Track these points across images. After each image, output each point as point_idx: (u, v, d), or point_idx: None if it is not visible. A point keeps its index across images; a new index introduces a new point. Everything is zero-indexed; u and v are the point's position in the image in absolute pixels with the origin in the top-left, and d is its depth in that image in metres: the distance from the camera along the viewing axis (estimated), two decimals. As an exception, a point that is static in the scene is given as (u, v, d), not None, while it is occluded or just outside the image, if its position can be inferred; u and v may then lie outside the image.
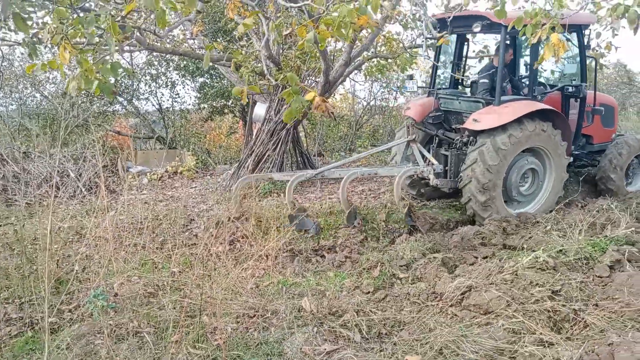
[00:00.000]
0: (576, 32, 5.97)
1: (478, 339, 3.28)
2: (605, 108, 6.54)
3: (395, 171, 5.79)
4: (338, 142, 12.01)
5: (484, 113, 5.53)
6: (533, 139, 5.49)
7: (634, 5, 3.51)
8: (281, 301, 3.84)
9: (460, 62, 6.77)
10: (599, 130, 6.64)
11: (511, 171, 5.59)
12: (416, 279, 4.32)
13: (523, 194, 5.84)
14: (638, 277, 3.67)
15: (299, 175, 5.65)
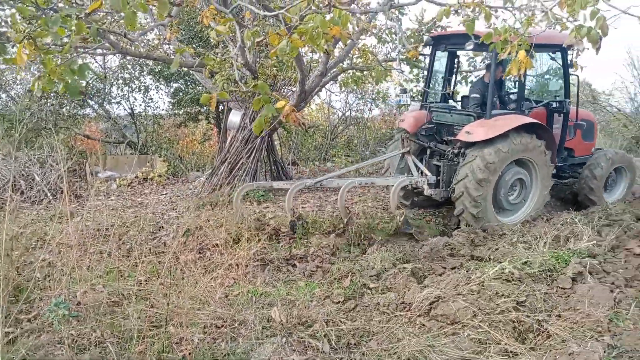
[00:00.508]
0: (561, 51, 6.29)
1: (445, 349, 3.31)
2: (586, 123, 6.88)
3: (391, 181, 5.99)
4: (313, 152, 12.04)
5: (476, 126, 5.78)
6: (520, 152, 5.73)
7: (595, 28, 3.65)
8: (250, 311, 3.79)
9: (450, 77, 7.04)
10: (580, 144, 6.93)
11: (500, 182, 5.82)
12: (386, 289, 4.34)
13: (512, 202, 6.08)
14: (598, 288, 3.80)
15: (299, 183, 5.80)
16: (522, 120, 5.76)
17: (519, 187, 6.08)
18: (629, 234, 5.01)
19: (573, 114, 6.62)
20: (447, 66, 6.95)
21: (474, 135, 5.65)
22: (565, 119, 6.54)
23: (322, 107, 13.61)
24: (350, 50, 7.31)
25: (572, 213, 5.79)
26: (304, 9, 3.66)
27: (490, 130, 5.59)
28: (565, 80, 6.58)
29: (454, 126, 6.36)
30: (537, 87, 8.19)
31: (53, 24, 2.97)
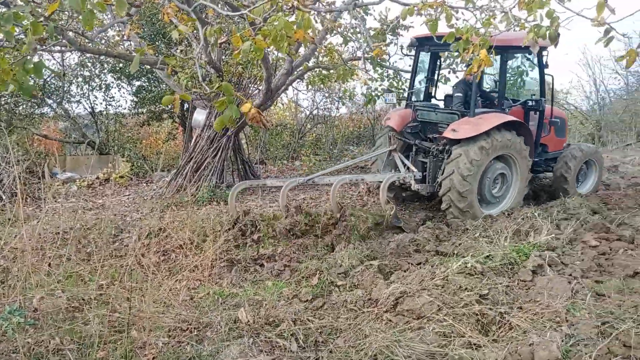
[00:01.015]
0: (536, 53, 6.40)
1: (411, 344, 3.35)
2: (559, 120, 7.30)
3: (380, 177, 6.26)
4: (281, 150, 11.98)
5: (461, 124, 6.03)
6: (501, 148, 6.02)
7: (551, 27, 3.78)
8: (216, 313, 3.74)
9: (433, 77, 7.28)
10: (553, 140, 7.28)
11: (484, 177, 6.09)
12: (353, 286, 4.36)
13: (495, 195, 6.37)
14: (557, 280, 3.93)
15: (292, 181, 6.01)
16: (504, 118, 6.04)
17: (501, 181, 6.37)
18: (586, 227, 5.20)
19: (547, 111, 6.93)
20: (430, 67, 7.18)
21: (459, 133, 5.88)
22: (541, 116, 6.85)
23: (289, 105, 13.56)
24: (315, 49, 7.31)
25: (532, 207, 5.97)
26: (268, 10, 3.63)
27: (474, 128, 5.82)
28: (541, 80, 6.91)
29: (439, 124, 6.61)
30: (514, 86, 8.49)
31: (5, 21, 2.83)
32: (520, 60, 8.32)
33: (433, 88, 7.30)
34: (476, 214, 5.95)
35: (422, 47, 6.84)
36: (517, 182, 6.40)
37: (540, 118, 6.87)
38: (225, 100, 2.99)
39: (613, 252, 4.62)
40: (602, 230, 5.08)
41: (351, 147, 13.91)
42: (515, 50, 6.49)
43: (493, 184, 6.28)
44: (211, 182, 7.24)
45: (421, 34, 6.49)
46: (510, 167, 6.37)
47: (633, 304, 3.57)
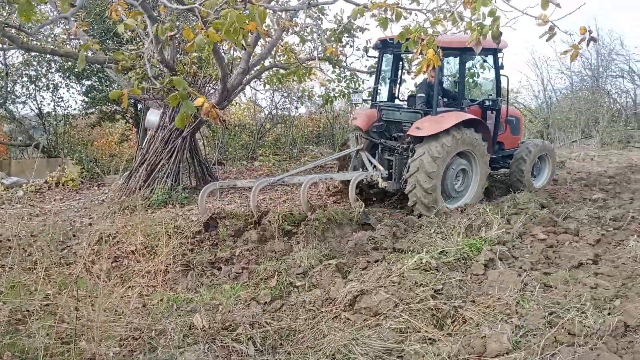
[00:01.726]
0: (492, 54, 6.96)
1: (368, 341, 3.37)
2: (514, 119, 7.67)
3: (349, 175, 6.42)
4: (240, 151, 11.83)
5: (424, 122, 6.24)
6: (462, 145, 6.28)
7: (493, 26, 3.90)
8: (171, 319, 3.63)
9: (396, 78, 7.52)
10: (509, 138, 7.62)
11: (447, 173, 6.35)
12: (312, 286, 4.35)
13: (457, 190, 6.64)
14: (507, 273, 4.07)
15: (262, 181, 6.05)
16: (464, 116, 6.31)
17: (462, 177, 6.65)
18: (534, 221, 5.42)
19: (503, 111, 7.25)
20: (393, 68, 7.40)
21: (423, 131, 6.12)
22: (497, 115, 7.18)
23: (248, 105, 13.41)
24: (272, 48, 7.26)
25: (484, 203, 6.16)
26: (220, 3, 3.56)
27: (436, 125, 6.08)
28: (497, 81, 7.18)
29: (403, 123, 6.84)
30: (468, 87, 8.82)
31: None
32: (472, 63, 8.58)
33: (396, 89, 7.52)
34: (441, 208, 6.15)
35: (385, 49, 7.04)
36: (477, 177, 6.70)
37: (496, 117, 7.18)
38: (178, 96, 2.90)
39: (560, 245, 4.84)
40: (550, 223, 5.31)
41: (311, 146, 13.92)
42: (472, 52, 6.63)
43: (455, 180, 6.53)
44: (166, 185, 7.05)
45: (384, 36, 6.60)
46: (471, 163, 6.65)
47: (577, 294, 3.74)
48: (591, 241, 4.83)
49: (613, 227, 5.30)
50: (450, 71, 8.75)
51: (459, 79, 6.92)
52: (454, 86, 8.03)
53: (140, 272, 4.24)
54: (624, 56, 16.49)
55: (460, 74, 6.88)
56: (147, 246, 4.80)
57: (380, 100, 7.39)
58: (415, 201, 6.18)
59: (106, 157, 10.67)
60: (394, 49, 6.91)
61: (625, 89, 16.70)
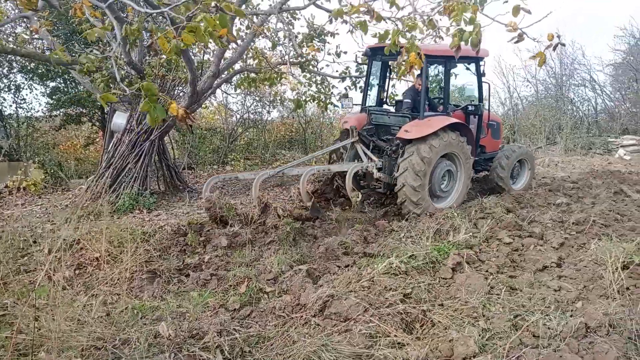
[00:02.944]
0: (475, 62, 7.28)
1: (338, 347, 3.36)
2: (495, 124, 8.04)
3: (346, 167, 6.71)
4: (210, 155, 11.67)
5: (413, 125, 6.57)
6: (448, 147, 6.59)
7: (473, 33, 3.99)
8: (136, 328, 3.53)
9: (384, 84, 7.80)
10: (490, 142, 7.97)
11: (434, 174, 6.63)
12: (282, 292, 4.31)
13: (443, 190, 6.94)
14: (474, 277, 4.13)
15: (263, 173, 6.31)
16: (449, 120, 6.65)
17: (448, 177, 6.96)
18: (500, 225, 5.54)
19: (485, 116, 7.60)
20: (381, 74, 7.70)
21: (411, 133, 6.42)
22: (480, 120, 7.54)
23: (219, 109, 13.27)
24: (243, 52, 7.20)
25: (452, 208, 6.27)
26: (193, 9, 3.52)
27: (424, 128, 6.40)
28: (479, 88, 7.52)
29: (391, 127, 7.17)
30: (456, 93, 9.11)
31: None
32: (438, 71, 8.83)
33: (384, 94, 7.83)
34: (428, 206, 6.46)
35: (374, 57, 7.31)
36: (462, 177, 7.01)
37: (479, 121, 7.54)
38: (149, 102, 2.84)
39: (525, 248, 4.96)
40: (515, 227, 5.44)
41: (283, 151, 13.88)
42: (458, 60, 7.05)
43: (441, 180, 6.85)
44: (133, 190, 6.87)
45: (374, 44, 6.87)
46: (456, 164, 6.96)
47: (542, 297, 3.84)
48: (555, 245, 4.97)
49: (576, 231, 5.47)
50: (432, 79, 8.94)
51: (444, 85, 7.27)
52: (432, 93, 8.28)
53: (104, 279, 4.11)
54: (585, 66, 17.17)
55: (445, 81, 7.22)
56: (111, 253, 4.66)
57: (369, 105, 7.67)
58: (404, 199, 6.42)
59: (71, 161, 10.33)
60: (382, 57, 7.19)
61: (587, 97, 17.38)
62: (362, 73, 8.85)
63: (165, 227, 5.74)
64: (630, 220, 5.89)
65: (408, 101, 7.15)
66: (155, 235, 5.23)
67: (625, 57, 17.18)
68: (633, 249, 4.40)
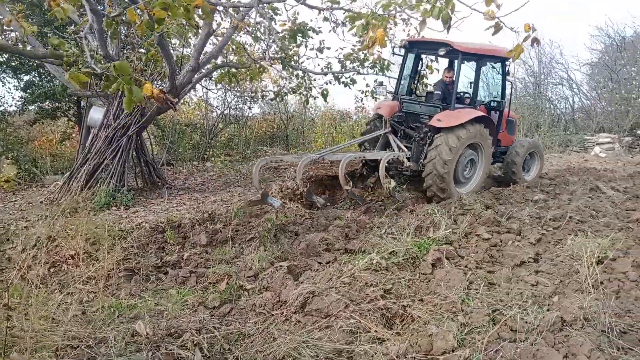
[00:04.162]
0: (501, 63, 8.01)
1: (319, 343, 3.35)
2: (513, 120, 8.78)
3: (379, 155, 7.27)
4: (190, 152, 11.52)
5: (444, 115, 7.13)
6: (473, 137, 7.17)
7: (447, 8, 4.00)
8: (112, 327, 3.46)
9: (415, 75, 8.40)
10: (505, 137, 8.58)
11: (459, 161, 7.20)
12: (263, 289, 4.28)
13: (466, 177, 7.58)
14: (454, 272, 4.17)
15: (306, 157, 6.86)
16: (477, 113, 7.24)
17: (470, 165, 7.58)
18: (479, 221, 5.60)
19: (505, 113, 8.23)
20: (413, 67, 8.28)
21: (443, 122, 6.99)
22: (500, 115, 8.17)
23: (199, 104, 13.11)
24: (223, 46, 7.12)
25: (433, 204, 6.32)
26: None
27: (454, 119, 6.97)
28: (503, 86, 8.24)
29: (421, 115, 7.73)
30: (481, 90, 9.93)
31: None
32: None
33: (414, 85, 8.48)
34: (452, 191, 7.04)
35: (410, 50, 7.91)
36: (482, 166, 7.66)
37: (499, 117, 8.16)
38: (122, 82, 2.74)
39: (503, 244, 5.02)
40: (494, 224, 5.51)
41: (265, 147, 13.80)
42: (487, 58, 7.88)
43: (465, 167, 7.43)
44: (110, 186, 6.74)
45: (411, 38, 7.72)
46: (478, 153, 7.57)
47: (519, 291, 3.90)
48: (532, 240, 5.05)
49: (553, 226, 5.57)
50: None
51: (474, 80, 7.83)
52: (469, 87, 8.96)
53: (80, 277, 4.02)
54: (563, 65, 17.50)
55: (475, 77, 7.81)
56: (88, 250, 4.56)
57: (401, 94, 8.22)
58: (430, 184, 7.01)
59: (46, 157, 10.07)
60: (418, 50, 7.93)
61: (565, 96, 17.71)
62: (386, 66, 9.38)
63: (143, 224, 5.64)
64: (605, 216, 6.03)
65: (439, 93, 7.76)
66: (133, 232, 5.12)
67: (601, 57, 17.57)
68: (607, 245, 4.50)
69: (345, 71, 9.21)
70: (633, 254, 4.46)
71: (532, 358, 2.87)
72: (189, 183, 9.04)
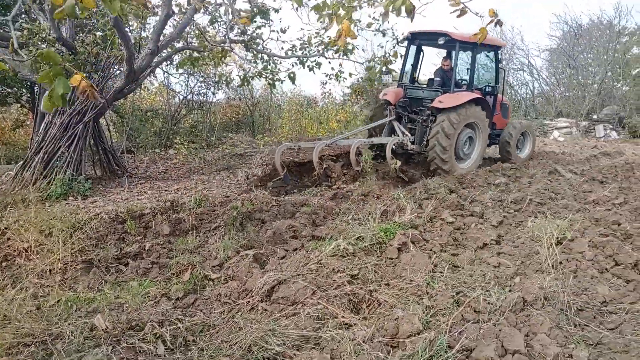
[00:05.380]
0: (494, 51, 9.00)
1: (286, 331, 3.32)
2: (506, 105, 9.62)
3: (385, 140, 8.11)
4: (152, 138, 11.17)
5: (445, 97, 7.93)
6: (471, 117, 7.96)
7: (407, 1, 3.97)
8: (69, 322, 3.31)
9: (417, 65, 9.13)
10: (500, 120, 9.47)
11: (459, 138, 8.01)
12: (228, 278, 4.20)
13: (465, 153, 8.35)
14: (419, 256, 4.21)
15: (321, 143, 7.70)
16: (473, 95, 8.10)
17: (469, 143, 8.36)
18: (444, 205, 5.68)
19: (499, 98, 9.11)
20: (416, 56, 9.05)
21: (444, 103, 7.79)
22: (494, 100, 9.07)
23: (160, 89, 12.70)
24: (183, 29, 6.87)
25: (399, 189, 6.36)
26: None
27: (455, 100, 7.79)
28: (497, 73, 9.12)
29: (423, 100, 8.52)
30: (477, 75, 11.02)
31: None
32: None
33: (416, 73, 9.19)
34: (453, 165, 7.85)
35: (412, 41, 8.66)
36: (479, 144, 8.46)
37: (494, 101, 9.03)
38: (52, 73, 2.54)
39: (466, 227, 5.11)
40: (458, 207, 5.60)
41: (230, 134, 13.56)
42: (482, 47, 8.72)
43: (464, 144, 8.23)
44: (66, 175, 6.44)
45: (413, 30, 8.41)
46: (476, 132, 8.37)
47: (482, 273, 3.97)
48: (494, 223, 5.16)
49: (514, 209, 5.71)
50: None
51: (470, 67, 8.69)
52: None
53: (34, 271, 3.83)
54: (524, 51, 17.91)
55: (471, 64, 8.65)
56: (42, 243, 4.34)
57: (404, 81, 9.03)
58: (434, 157, 7.74)
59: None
60: (420, 41, 8.66)
61: (525, 82, 18.18)
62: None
63: (102, 214, 5.43)
64: (564, 198, 6.23)
65: (438, 79, 8.74)
66: (90, 222, 4.92)
67: (560, 43, 18.07)
68: (566, 226, 4.65)
69: (310, 55, 9.09)
70: (589, 234, 4.63)
71: (495, 338, 2.92)
72: (151, 171, 8.78)
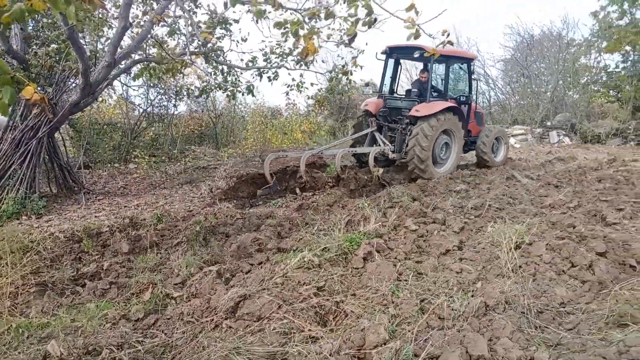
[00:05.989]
0: (467, 63, 9.62)
1: (251, 348, 3.25)
2: (480, 113, 10.28)
3: (367, 150, 8.79)
4: (110, 153, 10.84)
5: (422, 106, 8.53)
6: (446, 124, 8.55)
7: (370, 16, 4.07)
8: (20, 350, 3.13)
9: (395, 77, 9.74)
10: (475, 127, 10.05)
11: (435, 145, 8.59)
12: (191, 296, 4.09)
13: (442, 158, 8.93)
14: (384, 265, 4.23)
15: (308, 152, 8.12)
16: (448, 104, 8.70)
17: (445, 149, 8.93)
18: (407, 213, 5.75)
19: (472, 106, 9.76)
20: (394, 69, 9.66)
21: (421, 112, 8.39)
22: (468, 109, 9.70)
23: (119, 102, 12.37)
24: (141, 40, 6.72)
25: (363, 199, 6.39)
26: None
27: (431, 109, 8.40)
28: (470, 83, 9.69)
29: (402, 109, 9.17)
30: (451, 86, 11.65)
31: None
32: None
33: (395, 85, 9.80)
34: (432, 172, 8.41)
35: (390, 54, 9.21)
36: (455, 149, 9.04)
37: (468, 110, 9.67)
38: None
39: (429, 234, 5.18)
40: (420, 215, 5.68)
41: (193, 146, 13.33)
42: (455, 59, 9.52)
43: (441, 150, 8.80)
44: (19, 193, 6.14)
45: (391, 44, 8.99)
46: (452, 138, 8.97)
47: (445, 279, 4.03)
48: (456, 229, 5.26)
49: (474, 215, 5.85)
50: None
51: (445, 78, 9.49)
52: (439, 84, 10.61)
53: (-20, 297, 3.60)
54: (479, 61, 18.52)
55: (445, 75, 9.50)
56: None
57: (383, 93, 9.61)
58: (413, 167, 8.36)
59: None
60: (397, 55, 9.26)
61: (482, 91, 18.78)
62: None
63: (57, 233, 5.20)
64: (521, 203, 6.43)
65: (415, 90, 9.36)
66: (44, 242, 4.69)
67: (513, 54, 18.80)
68: (524, 230, 4.79)
69: (271, 66, 9.09)
70: (547, 237, 4.78)
71: (459, 344, 2.96)
72: (110, 187, 8.50)
